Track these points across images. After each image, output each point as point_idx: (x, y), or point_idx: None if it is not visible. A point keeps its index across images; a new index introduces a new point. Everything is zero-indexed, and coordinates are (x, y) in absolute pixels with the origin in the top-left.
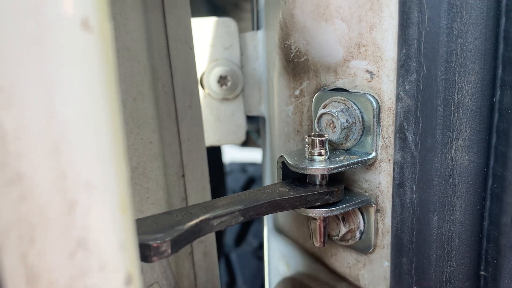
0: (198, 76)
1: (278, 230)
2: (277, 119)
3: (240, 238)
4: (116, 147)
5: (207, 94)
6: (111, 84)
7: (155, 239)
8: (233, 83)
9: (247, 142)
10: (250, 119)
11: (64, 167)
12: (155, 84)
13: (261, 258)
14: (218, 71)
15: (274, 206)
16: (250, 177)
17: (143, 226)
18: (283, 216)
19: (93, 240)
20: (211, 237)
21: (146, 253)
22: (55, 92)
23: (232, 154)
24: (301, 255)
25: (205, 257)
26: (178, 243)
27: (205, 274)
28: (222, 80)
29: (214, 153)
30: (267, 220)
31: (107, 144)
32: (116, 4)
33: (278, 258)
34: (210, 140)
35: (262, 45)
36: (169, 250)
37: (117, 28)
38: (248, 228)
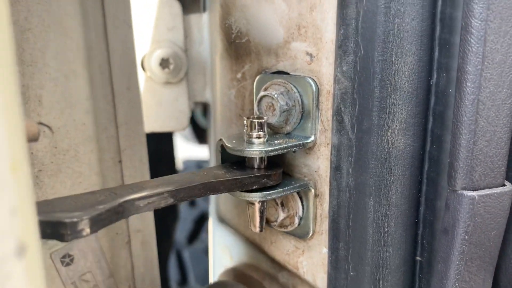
0: (140, 58)
1: (221, 220)
2: (219, 103)
3: (193, 236)
4: (4, 91)
5: (149, 78)
6: None
7: (72, 217)
8: (176, 66)
9: (205, 139)
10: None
11: None
12: (90, 62)
13: None
14: (160, 53)
15: (208, 189)
16: None
17: (62, 204)
18: (224, 204)
19: None
20: (149, 227)
21: (62, 231)
22: None
23: (188, 152)
24: (244, 245)
25: (143, 246)
26: (97, 223)
27: (143, 264)
28: (164, 62)
29: (165, 148)
30: (211, 211)
31: None
32: None
33: (221, 250)
34: (151, 126)
35: (207, 28)
36: (88, 229)
37: (49, 1)
38: (201, 225)
